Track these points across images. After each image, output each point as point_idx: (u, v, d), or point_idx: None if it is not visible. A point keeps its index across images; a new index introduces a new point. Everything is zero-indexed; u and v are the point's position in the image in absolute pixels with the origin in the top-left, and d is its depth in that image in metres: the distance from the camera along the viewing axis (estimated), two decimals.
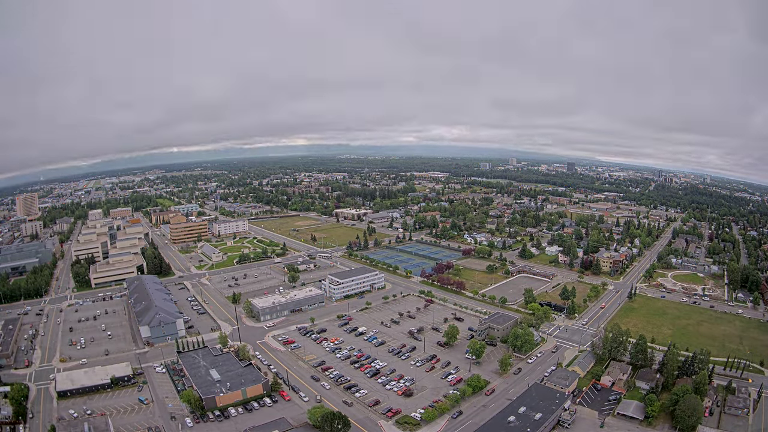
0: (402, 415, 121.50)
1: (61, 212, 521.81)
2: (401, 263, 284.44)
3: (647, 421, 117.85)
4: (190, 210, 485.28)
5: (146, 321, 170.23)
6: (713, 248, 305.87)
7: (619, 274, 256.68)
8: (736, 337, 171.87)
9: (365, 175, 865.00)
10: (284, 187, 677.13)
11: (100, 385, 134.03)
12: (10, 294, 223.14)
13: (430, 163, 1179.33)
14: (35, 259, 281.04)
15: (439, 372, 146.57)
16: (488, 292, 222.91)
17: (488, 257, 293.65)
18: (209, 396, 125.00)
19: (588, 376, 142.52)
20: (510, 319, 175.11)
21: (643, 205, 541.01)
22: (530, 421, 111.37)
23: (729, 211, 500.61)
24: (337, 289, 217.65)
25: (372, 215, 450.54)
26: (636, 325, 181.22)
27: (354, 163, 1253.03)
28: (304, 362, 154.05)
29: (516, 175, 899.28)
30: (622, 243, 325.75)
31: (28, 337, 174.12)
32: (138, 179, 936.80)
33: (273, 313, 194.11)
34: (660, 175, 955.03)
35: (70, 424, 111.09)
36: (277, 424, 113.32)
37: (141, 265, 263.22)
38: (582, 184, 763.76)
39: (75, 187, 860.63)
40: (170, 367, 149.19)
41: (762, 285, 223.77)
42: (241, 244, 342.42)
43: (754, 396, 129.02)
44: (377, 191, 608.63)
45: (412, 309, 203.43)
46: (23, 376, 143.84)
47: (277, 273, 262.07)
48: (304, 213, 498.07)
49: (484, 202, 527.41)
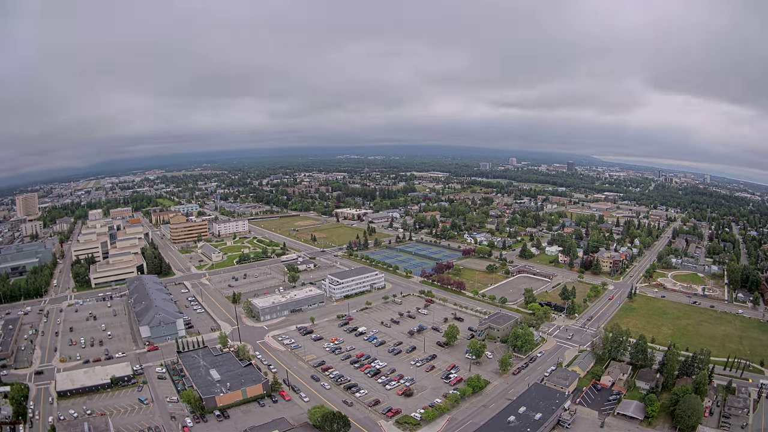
0: (402, 415, 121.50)
1: (61, 212, 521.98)
2: (401, 263, 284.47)
3: (647, 421, 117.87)
4: (190, 210, 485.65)
5: (146, 321, 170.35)
6: (713, 248, 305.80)
7: (619, 274, 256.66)
8: (736, 337, 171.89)
9: (365, 175, 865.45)
10: (284, 187, 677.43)
11: (100, 385, 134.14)
12: (10, 294, 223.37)
13: (430, 163, 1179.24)
14: (35, 259, 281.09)
15: (439, 372, 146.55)
16: (488, 292, 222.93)
17: (488, 257, 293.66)
18: (209, 396, 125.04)
19: (588, 376, 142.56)
20: (510, 319, 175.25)
21: (643, 205, 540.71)
22: (530, 421, 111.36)
23: (729, 211, 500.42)
24: (337, 289, 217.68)
25: (372, 215, 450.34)
26: (636, 325, 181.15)
27: (354, 163, 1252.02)
28: (304, 362, 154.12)
29: (516, 175, 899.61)
30: (622, 243, 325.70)
31: (28, 337, 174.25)
32: (138, 179, 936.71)
33: (273, 313, 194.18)
34: (660, 175, 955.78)
35: (70, 424, 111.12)
36: (277, 424, 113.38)
37: (141, 265, 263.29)
38: (582, 184, 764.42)
39: (75, 187, 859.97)
40: (170, 367, 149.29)
41: (762, 285, 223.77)
42: (241, 244, 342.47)
43: (754, 396, 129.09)
44: (377, 191, 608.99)
45: (412, 309, 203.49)
46: (23, 376, 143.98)
47: (277, 273, 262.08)
48: (304, 213, 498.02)
49: (484, 202, 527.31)
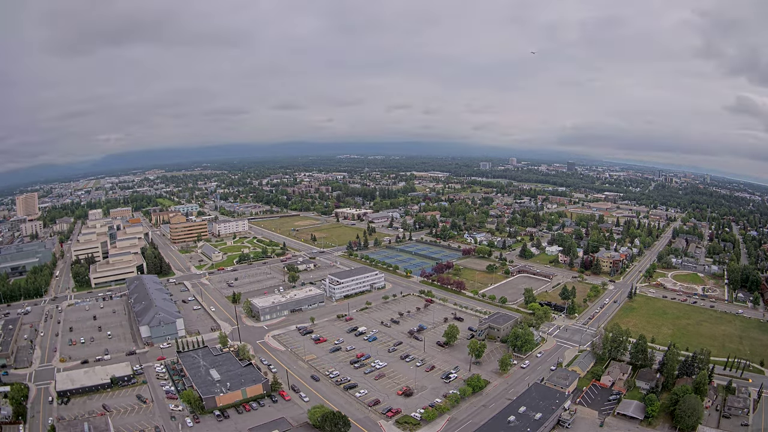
0: (402, 415, 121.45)
1: (61, 212, 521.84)
2: (401, 263, 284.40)
3: (647, 421, 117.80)
4: (190, 210, 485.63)
5: (146, 321, 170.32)
6: (713, 248, 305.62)
7: (619, 274, 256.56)
8: (736, 337, 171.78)
9: (365, 175, 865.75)
10: (284, 187, 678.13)
11: (100, 385, 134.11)
12: (10, 294, 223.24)
13: (430, 163, 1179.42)
14: (35, 259, 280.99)
15: (439, 372, 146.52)
16: (488, 292, 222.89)
17: (488, 257, 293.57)
18: (209, 396, 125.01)
19: (588, 375, 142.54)
20: (510, 319, 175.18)
21: (643, 205, 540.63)
22: (530, 421, 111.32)
23: (729, 211, 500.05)
24: (337, 288, 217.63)
25: (372, 215, 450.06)
26: (636, 325, 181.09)
27: (354, 162, 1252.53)
28: (304, 362, 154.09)
29: (516, 174, 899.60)
30: (622, 243, 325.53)
31: (28, 337, 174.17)
32: (138, 179, 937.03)
33: (273, 313, 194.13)
34: (660, 175, 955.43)
35: (70, 424, 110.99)
36: (277, 424, 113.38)
37: (141, 265, 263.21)
38: (582, 183, 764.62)
39: (75, 187, 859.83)
40: (170, 367, 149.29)
41: (762, 285, 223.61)
42: (241, 243, 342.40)
43: (754, 396, 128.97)
44: (377, 191, 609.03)
45: (412, 309, 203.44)
46: (23, 376, 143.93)
47: (277, 273, 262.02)
48: (304, 213, 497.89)
49: (484, 202, 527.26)
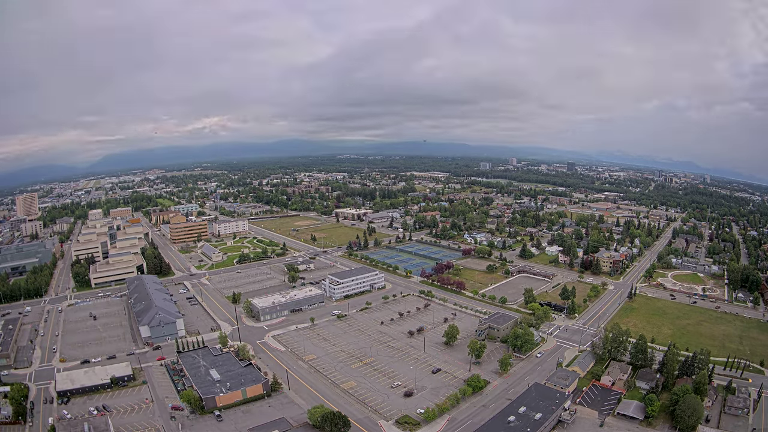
0: (402, 415, 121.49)
1: (61, 212, 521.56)
2: (401, 263, 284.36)
3: (647, 421, 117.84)
4: (190, 210, 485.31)
5: (146, 321, 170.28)
6: (713, 248, 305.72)
7: (619, 274, 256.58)
8: (736, 337, 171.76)
9: (365, 175, 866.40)
10: (284, 187, 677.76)
11: (100, 385, 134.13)
12: (10, 294, 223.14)
13: (431, 163, 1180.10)
14: (35, 259, 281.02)
15: (438, 372, 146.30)
16: (488, 292, 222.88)
17: (488, 257, 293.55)
18: (209, 396, 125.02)
19: (588, 375, 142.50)
20: (510, 319, 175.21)
21: (643, 205, 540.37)
22: (530, 421, 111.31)
23: (729, 211, 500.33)
24: (337, 288, 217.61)
25: (372, 215, 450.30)
26: (636, 325, 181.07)
27: (354, 162, 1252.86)
28: (304, 362, 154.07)
29: (516, 174, 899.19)
30: (622, 243, 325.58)
31: (28, 337, 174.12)
32: (138, 179, 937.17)
33: (273, 313, 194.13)
34: (660, 175, 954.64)
35: (70, 424, 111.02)
36: (277, 424, 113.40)
37: (141, 265, 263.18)
38: (582, 184, 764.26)
39: (75, 187, 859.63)
40: (170, 367, 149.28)
41: (762, 285, 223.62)
42: (241, 244, 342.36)
43: (754, 396, 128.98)
44: (377, 191, 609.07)
45: (412, 309, 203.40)
46: (23, 376, 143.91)
47: (277, 273, 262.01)
48: (304, 213, 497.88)
49: (484, 202, 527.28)
